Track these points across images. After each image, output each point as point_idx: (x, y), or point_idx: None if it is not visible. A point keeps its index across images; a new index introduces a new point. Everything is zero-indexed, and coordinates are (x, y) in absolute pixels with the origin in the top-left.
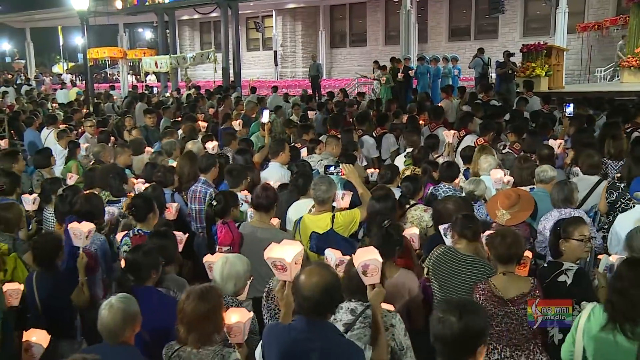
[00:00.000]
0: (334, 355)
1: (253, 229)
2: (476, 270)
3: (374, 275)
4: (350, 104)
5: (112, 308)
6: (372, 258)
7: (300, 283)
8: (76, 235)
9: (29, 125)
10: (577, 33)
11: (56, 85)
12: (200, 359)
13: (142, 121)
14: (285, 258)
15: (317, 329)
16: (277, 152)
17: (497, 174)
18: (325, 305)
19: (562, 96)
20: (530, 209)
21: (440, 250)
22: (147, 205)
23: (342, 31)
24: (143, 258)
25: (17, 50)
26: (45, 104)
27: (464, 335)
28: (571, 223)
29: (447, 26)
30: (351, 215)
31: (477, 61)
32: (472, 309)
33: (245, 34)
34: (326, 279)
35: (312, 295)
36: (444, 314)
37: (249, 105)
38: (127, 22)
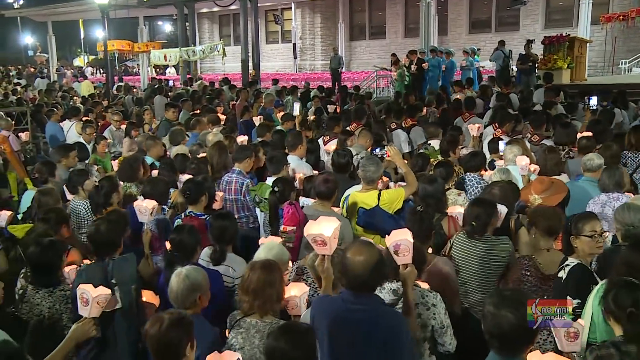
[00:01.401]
0: (381, 323)
1: (316, 211)
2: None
3: (405, 255)
4: (368, 96)
5: (180, 276)
6: (403, 238)
7: (348, 261)
8: (141, 212)
9: (50, 117)
10: (601, 24)
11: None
12: (258, 330)
13: (161, 113)
14: (324, 233)
15: (364, 300)
16: (294, 145)
17: (522, 161)
18: (373, 281)
19: (583, 89)
20: (561, 193)
21: (461, 234)
22: (199, 188)
23: (361, 23)
24: (187, 237)
25: (39, 43)
26: (67, 96)
27: (523, 328)
28: (581, 219)
29: (468, 18)
30: (396, 194)
31: (498, 54)
32: (524, 301)
33: (264, 26)
34: (373, 257)
35: (361, 272)
36: (498, 309)
37: (267, 97)
38: (147, 15)
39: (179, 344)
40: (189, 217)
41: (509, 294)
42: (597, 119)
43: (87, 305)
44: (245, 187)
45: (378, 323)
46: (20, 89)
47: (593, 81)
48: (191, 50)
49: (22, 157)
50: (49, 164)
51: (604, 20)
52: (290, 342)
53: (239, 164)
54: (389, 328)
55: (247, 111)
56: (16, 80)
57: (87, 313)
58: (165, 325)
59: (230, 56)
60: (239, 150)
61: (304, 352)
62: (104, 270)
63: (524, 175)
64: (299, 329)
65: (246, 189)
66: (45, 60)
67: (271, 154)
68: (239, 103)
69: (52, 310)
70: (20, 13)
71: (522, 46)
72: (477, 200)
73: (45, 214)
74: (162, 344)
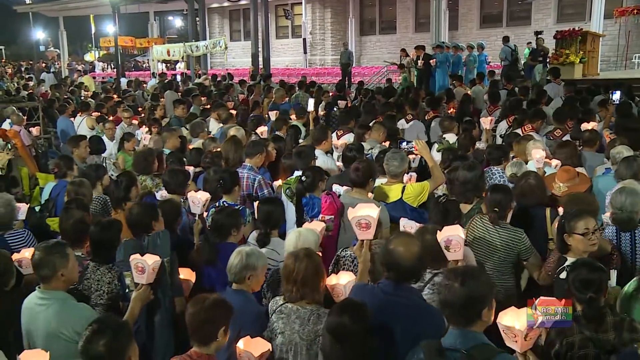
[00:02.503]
0: (418, 316)
1: (352, 199)
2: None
3: (457, 251)
4: (378, 92)
5: (241, 253)
6: (455, 234)
7: (395, 251)
8: (194, 203)
9: (62, 112)
10: (614, 18)
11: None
12: (299, 316)
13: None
14: (371, 214)
15: (404, 292)
16: (320, 140)
17: (537, 154)
18: (415, 272)
19: (596, 83)
20: (586, 184)
21: (477, 219)
22: (233, 178)
23: (371, 18)
24: (225, 218)
25: (50, 38)
26: (76, 91)
27: (468, 301)
28: (574, 216)
29: (479, 13)
30: (420, 187)
31: (506, 50)
32: (474, 276)
33: (274, 21)
34: (417, 247)
35: (408, 263)
36: (449, 281)
37: (278, 93)
38: (157, 10)
39: (215, 324)
40: (223, 206)
41: (460, 269)
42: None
43: (143, 273)
44: (257, 183)
45: (416, 316)
46: (32, 84)
47: (605, 76)
48: (194, 45)
49: (33, 151)
50: (67, 158)
51: (618, 14)
52: (350, 317)
53: (250, 159)
54: (427, 322)
55: (258, 106)
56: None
57: (144, 280)
58: (206, 305)
59: (240, 51)
60: (250, 145)
61: (361, 325)
62: (140, 245)
63: (539, 167)
64: (357, 305)
65: (258, 185)
66: (57, 55)
67: (299, 148)
68: (252, 97)
69: (112, 286)
70: (32, 9)
71: (534, 41)
72: (497, 187)
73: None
74: (200, 321)
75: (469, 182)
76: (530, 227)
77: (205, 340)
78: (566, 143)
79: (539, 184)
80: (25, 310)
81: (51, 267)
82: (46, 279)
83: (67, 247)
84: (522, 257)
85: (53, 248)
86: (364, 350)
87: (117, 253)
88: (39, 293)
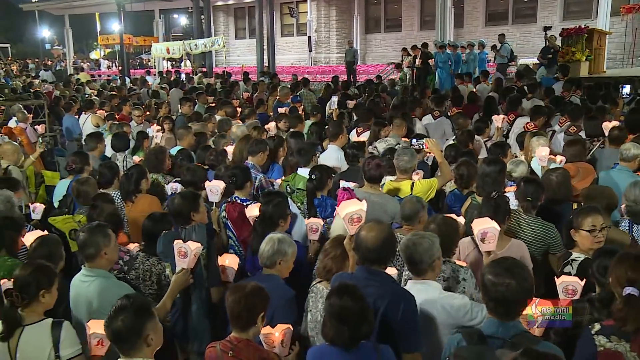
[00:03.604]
0: (388, 299)
1: (367, 194)
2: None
3: (491, 243)
4: (383, 89)
5: (273, 239)
6: (491, 226)
7: (362, 237)
8: (212, 192)
9: (68, 110)
10: (620, 15)
11: (93, 72)
12: (322, 295)
13: (177, 106)
14: (362, 208)
15: (374, 276)
16: (336, 135)
17: (542, 152)
18: (381, 256)
19: (599, 81)
20: (590, 176)
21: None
22: (245, 174)
23: (376, 16)
24: (273, 209)
25: (56, 36)
26: (81, 89)
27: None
28: (582, 213)
29: (484, 10)
30: (429, 184)
31: (506, 47)
32: (520, 270)
33: (279, 19)
34: (383, 232)
35: (373, 247)
36: (500, 278)
37: (283, 91)
38: (162, 9)
39: (255, 311)
40: (235, 202)
41: (506, 263)
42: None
43: (185, 257)
44: (258, 182)
45: (385, 299)
46: (37, 82)
47: (612, 73)
48: (193, 43)
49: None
50: (83, 154)
51: (624, 11)
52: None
53: (252, 157)
54: (397, 306)
55: (262, 104)
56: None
57: (186, 265)
58: (246, 292)
59: (245, 49)
60: (253, 143)
61: (363, 304)
62: (178, 236)
63: (543, 165)
64: (351, 286)
65: (259, 184)
66: (62, 53)
67: (299, 145)
68: (257, 95)
69: (161, 277)
70: (38, 7)
71: (540, 38)
72: (529, 179)
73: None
74: (241, 308)
75: (488, 176)
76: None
77: (245, 326)
78: (575, 141)
79: (562, 181)
80: (72, 287)
81: (96, 246)
82: (91, 257)
83: (109, 228)
84: (551, 250)
85: (97, 229)
86: (368, 327)
87: (157, 245)
88: (84, 271)
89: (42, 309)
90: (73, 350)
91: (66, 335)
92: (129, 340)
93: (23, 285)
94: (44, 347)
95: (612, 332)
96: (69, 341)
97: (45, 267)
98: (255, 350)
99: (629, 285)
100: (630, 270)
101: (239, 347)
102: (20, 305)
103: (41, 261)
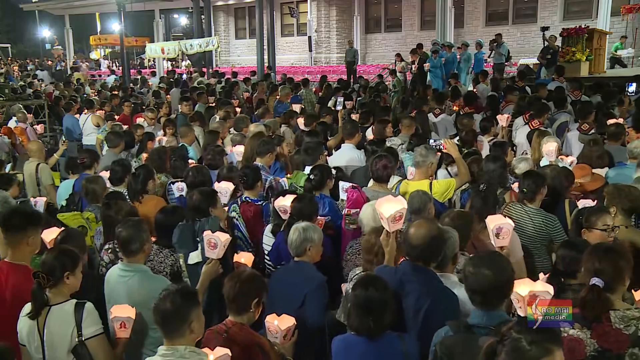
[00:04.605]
0: (431, 297)
1: (375, 192)
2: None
3: (505, 238)
4: (384, 90)
5: (298, 228)
6: (506, 222)
7: (409, 233)
8: (222, 193)
9: (68, 110)
10: (621, 15)
11: (93, 71)
12: None
13: (177, 106)
14: (405, 206)
15: (419, 273)
16: (352, 134)
17: (549, 147)
18: (429, 254)
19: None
20: (599, 182)
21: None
22: (255, 174)
23: (377, 16)
24: (306, 206)
25: (56, 36)
26: (82, 89)
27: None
28: (595, 212)
29: (485, 10)
30: (447, 184)
31: (504, 47)
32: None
33: (279, 19)
34: (432, 231)
35: (417, 244)
36: (476, 268)
37: (283, 91)
38: (162, 9)
39: (249, 296)
40: (245, 202)
41: (486, 255)
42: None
43: (214, 248)
44: (268, 183)
45: (428, 297)
46: (36, 82)
47: (612, 73)
48: (188, 43)
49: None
50: (93, 152)
51: (625, 11)
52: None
53: (260, 158)
54: (440, 305)
55: (262, 104)
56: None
57: (215, 255)
58: (242, 278)
59: (246, 49)
60: (261, 144)
61: (387, 295)
62: (193, 228)
63: (551, 161)
64: (376, 278)
65: (269, 185)
66: (62, 53)
67: (306, 144)
68: (257, 95)
69: (174, 268)
70: (38, 7)
71: (540, 38)
72: (529, 172)
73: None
74: (236, 293)
75: (493, 172)
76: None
77: (239, 310)
78: (598, 141)
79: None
80: (108, 282)
81: (140, 241)
82: (134, 252)
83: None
84: (555, 241)
85: (139, 225)
86: (392, 317)
87: (173, 236)
88: (122, 266)
89: (67, 290)
90: (94, 329)
91: (88, 315)
92: (174, 323)
93: (49, 268)
94: (68, 325)
95: (576, 320)
96: (90, 321)
97: (69, 251)
98: (248, 334)
99: (596, 276)
100: (598, 261)
101: (233, 330)
102: (47, 286)
103: (65, 245)
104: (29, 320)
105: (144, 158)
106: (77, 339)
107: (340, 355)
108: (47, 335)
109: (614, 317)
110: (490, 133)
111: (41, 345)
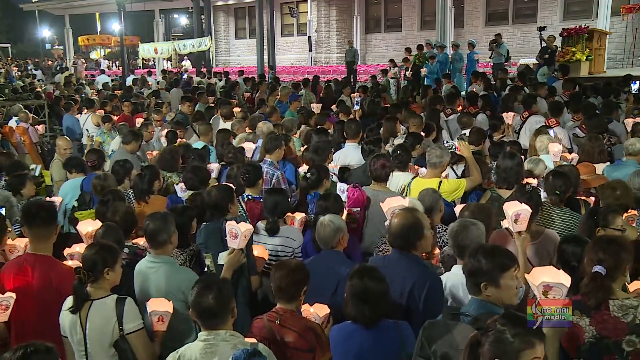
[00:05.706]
0: (415, 278)
1: (374, 192)
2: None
3: (522, 224)
4: (384, 90)
5: (325, 222)
6: (524, 208)
7: (391, 224)
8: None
9: (68, 110)
10: (621, 15)
11: (92, 71)
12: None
13: (177, 106)
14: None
15: (403, 258)
16: (357, 133)
17: (554, 147)
18: (407, 241)
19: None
20: (600, 180)
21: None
22: (257, 172)
23: (377, 16)
24: (332, 204)
25: (56, 36)
26: (82, 89)
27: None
28: (612, 211)
29: (485, 10)
30: (457, 184)
31: (504, 47)
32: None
33: (279, 19)
34: (409, 219)
35: (397, 232)
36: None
37: (284, 91)
38: (162, 8)
39: (299, 284)
40: (251, 200)
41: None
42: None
43: (235, 238)
44: (275, 179)
45: (410, 279)
46: (37, 82)
47: (612, 73)
48: (182, 43)
49: (39, 149)
50: (99, 151)
51: (625, 11)
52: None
53: (269, 154)
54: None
55: (263, 104)
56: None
57: (236, 245)
58: (292, 267)
59: (246, 49)
60: (270, 140)
61: (383, 284)
62: (218, 228)
63: (556, 161)
64: (371, 268)
65: (276, 181)
66: (62, 53)
67: (315, 144)
68: (258, 95)
69: (185, 266)
70: (38, 7)
71: (539, 37)
72: (558, 172)
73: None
74: (287, 281)
75: (511, 169)
76: None
77: (291, 298)
78: (597, 137)
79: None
80: (138, 274)
81: (168, 233)
82: (161, 244)
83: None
84: None
85: (167, 217)
86: (387, 305)
87: (198, 237)
88: (150, 257)
89: (108, 285)
90: (135, 324)
91: (129, 310)
92: (219, 314)
93: (90, 264)
94: (109, 320)
95: (577, 307)
96: (131, 315)
97: (109, 247)
98: (300, 319)
99: (598, 264)
100: (601, 251)
101: (285, 317)
102: (88, 281)
103: (105, 241)
104: (70, 314)
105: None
106: (119, 333)
107: (339, 342)
108: (90, 329)
109: (613, 306)
110: (499, 131)
111: (83, 339)
